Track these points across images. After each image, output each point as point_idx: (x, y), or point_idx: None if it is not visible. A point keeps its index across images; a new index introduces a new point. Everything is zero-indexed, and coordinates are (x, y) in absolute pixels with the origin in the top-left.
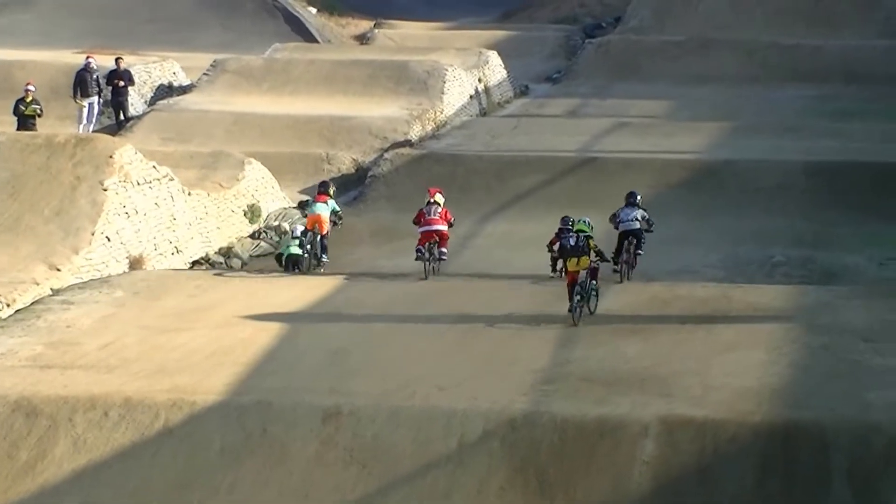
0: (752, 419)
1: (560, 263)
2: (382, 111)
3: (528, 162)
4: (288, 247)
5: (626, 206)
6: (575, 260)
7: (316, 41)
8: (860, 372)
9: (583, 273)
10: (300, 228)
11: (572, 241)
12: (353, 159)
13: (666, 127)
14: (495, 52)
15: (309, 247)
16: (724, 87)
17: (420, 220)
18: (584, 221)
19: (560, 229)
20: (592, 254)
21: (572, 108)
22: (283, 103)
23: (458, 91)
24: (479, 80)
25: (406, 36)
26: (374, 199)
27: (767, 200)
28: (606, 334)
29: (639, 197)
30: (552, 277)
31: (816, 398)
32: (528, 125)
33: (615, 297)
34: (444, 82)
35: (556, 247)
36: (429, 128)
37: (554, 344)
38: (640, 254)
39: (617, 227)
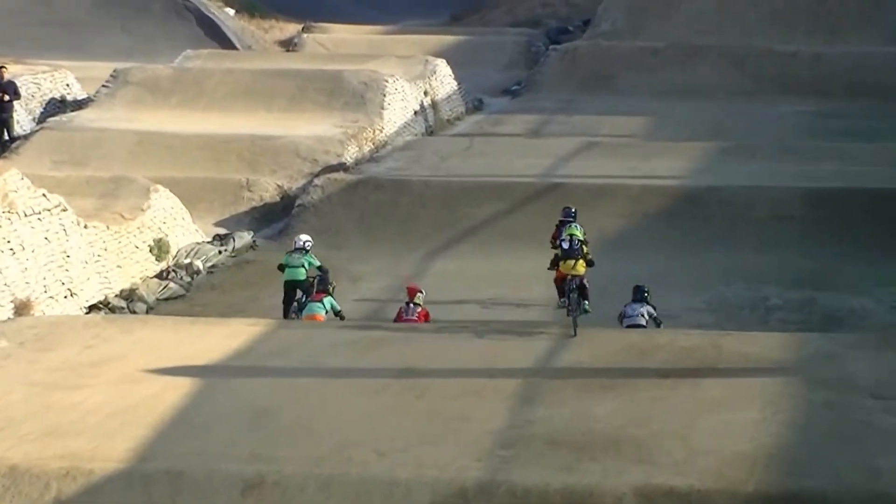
0: (743, 489)
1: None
2: (312, 129)
3: (482, 189)
4: (287, 265)
5: (633, 301)
6: (571, 262)
7: (234, 47)
8: (869, 434)
9: (574, 281)
10: (304, 239)
11: (566, 245)
12: (278, 186)
13: (643, 148)
14: (443, 61)
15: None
16: (711, 102)
17: (399, 319)
18: (576, 227)
19: (560, 221)
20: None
21: (534, 125)
22: (195, 120)
23: (400, 106)
24: (426, 94)
25: (340, 41)
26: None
27: (761, 233)
28: (575, 390)
29: (647, 292)
30: (560, 307)
31: (818, 464)
32: (483, 146)
33: (584, 347)
34: (385, 96)
35: (558, 241)
36: (366, 149)
37: (513, 401)
38: None
39: (622, 325)
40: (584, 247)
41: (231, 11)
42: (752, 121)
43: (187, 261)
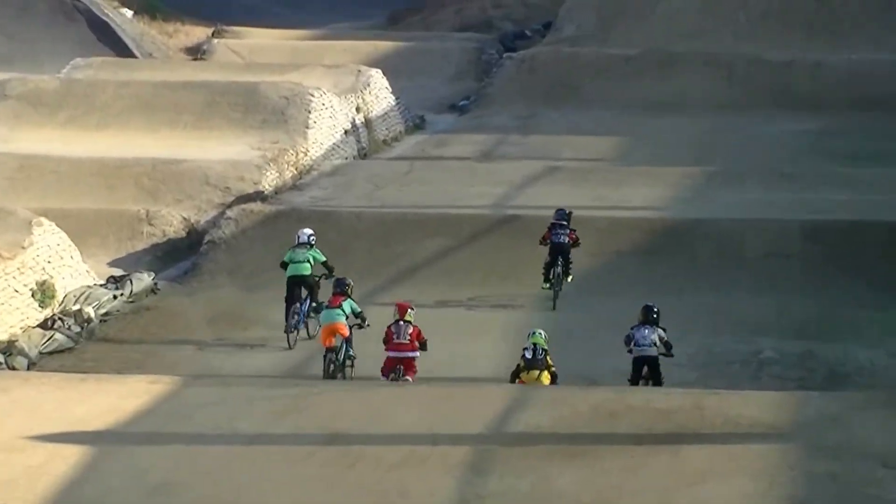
0: None
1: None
2: (224, 152)
3: (424, 222)
4: (291, 260)
5: (642, 324)
6: (535, 374)
7: (132, 55)
8: None
9: None
10: (308, 233)
11: (528, 354)
12: (184, 218)
13: (614, 173)
14: (379, 71)
15: (332, 366)
16: (693, 119)
17: (389, 341)
18: (539, 334)
19: (552, 224)
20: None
21: (485, 147)
22: (86, 141)
23: (328, 124)
24: (358, 110)
25: (256, 48)
26: (213, 272)
27: (753, 274)
28: (534, 459)
29: (657, 313)
30: (544, 288)
31: None
32: (425, 171)
33: (545, 408)
34: (309, 112)
35: (548, 242)
36: (288, 175)
37: (461, 471)
38: (662, 383)
39: (630, 351)
40: (547, 357)
41: (129, 13)
42: (743, 141)
43: (76, 307)
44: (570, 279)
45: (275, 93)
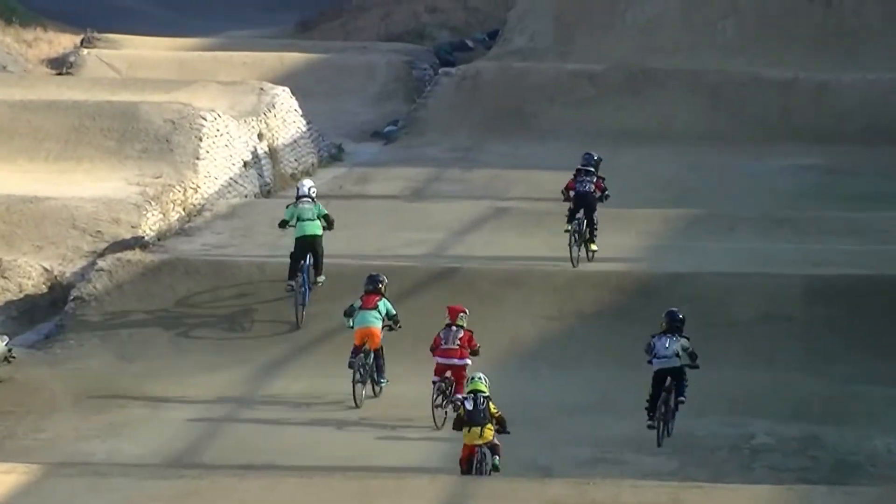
0: None
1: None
2: (96, 188)
3: (341, 275)
4: (298, 218)
5: (665, 332)
6: (477, 430)
7: None
8: None
9: (482, 450)
10: (308, 185)
11: (469, 406)
12: (45, 270)
13: None
14: (286, 90)
15: (360, 372)
16: (673, 151)
17: (436, 347)
18: (480, 379)
19: (577, 170)
20: (494, 423)
21: (417, 183)
22: None
23: (223, 155)
24: (261, 137)
25: (136, 60)
26: (81, 336)
27: (745, 341)
28: None
29: (682, 320)
30: (567, 231)
31: None
32: (345, 212)
33: None
34: (201, 140)
35: (571, 193)
36: (174, 216)
37: None
38: (681, 401)
39: (650, 363)
40: (490, 404)
41: None
42: (732, 178)
43: None
44: (594, 249)
45: (158, 116)
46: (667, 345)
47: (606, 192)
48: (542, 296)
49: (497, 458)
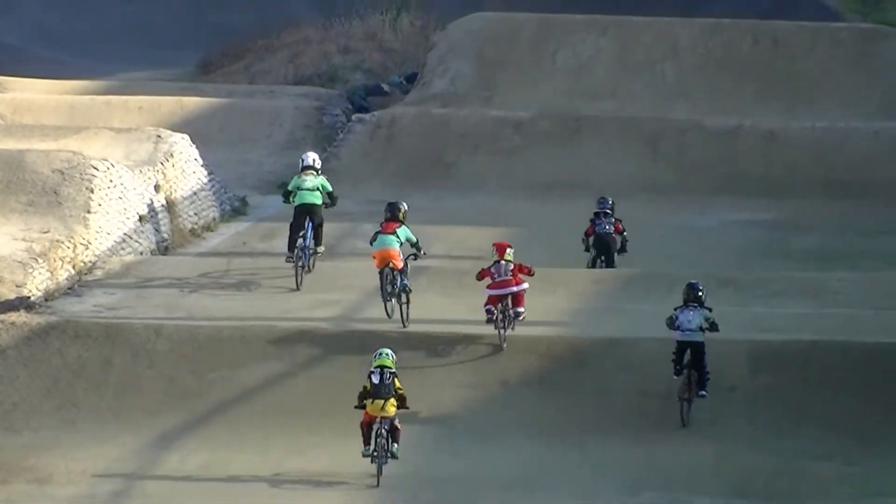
0: None
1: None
2: None
3: (246, 339)
4: (299, 188)
5: (686, 305)
6: (380, 403)
7: None
8: None
9: (384, 424)
10: (312, 156)
11: (376, 379)
12: None
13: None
14: (186, 137)
15: (391, 287)
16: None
17: (490, 280)
18: (387, 355)
19: (595, 213)
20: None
21: (329, 239)
22: None
23: (117, 208)
24: (158, 189)
25: (21, 104)
26: None
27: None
28: None
29: (702, 291)
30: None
31: None
32: (249, 271)
33: None
34: (92, 192)
35: (590, 239)
36: (63, 275)
37: None
38: (707, 376)
39: (673, 334)
40: (395, 380)
41: None
42: (671, 234)
43: None
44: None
45: (46, 165)
46: (690, 317)
47: (625, 236)
48: (464, 363)
49: (396, 445)
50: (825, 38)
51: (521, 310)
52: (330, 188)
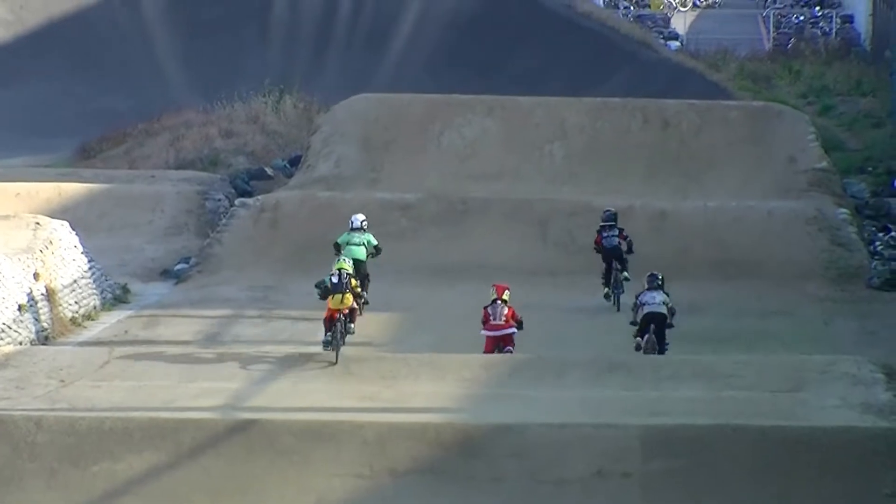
0: None
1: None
2: None
3: (129, 430)
4: (348, 243)
5: (649, 289)
6: (339, 297)
7: None
8: None
9: (342, 315)
10: (360, 218)
11: (335, 279)
12: None
13: (388, 363)
14: (66, 224)
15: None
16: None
17: (486, 321)
18: (345, 260)
19: (601, 226)
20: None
21: (212, 328)
22: None
23: None
24: (37, 277)
25: None
26: None
27: (578, 500)
28: None
29: (661, 279)
30: (605, 295)
31: None
32: (131, 361)
33: None
34: None
35: (600, 248)
36: None
37: None
38: (667, 346)
39: (634, 322)
40: (351, 280)
41: None
42: (561, 318)
43: None
44: (626, 277)
45: None
46: (654, 296)
47: (630, 241)
48: (351, 451)
49: (352, 325)
50: (716, 117)
51: (510, 349)
52: (375, 242)
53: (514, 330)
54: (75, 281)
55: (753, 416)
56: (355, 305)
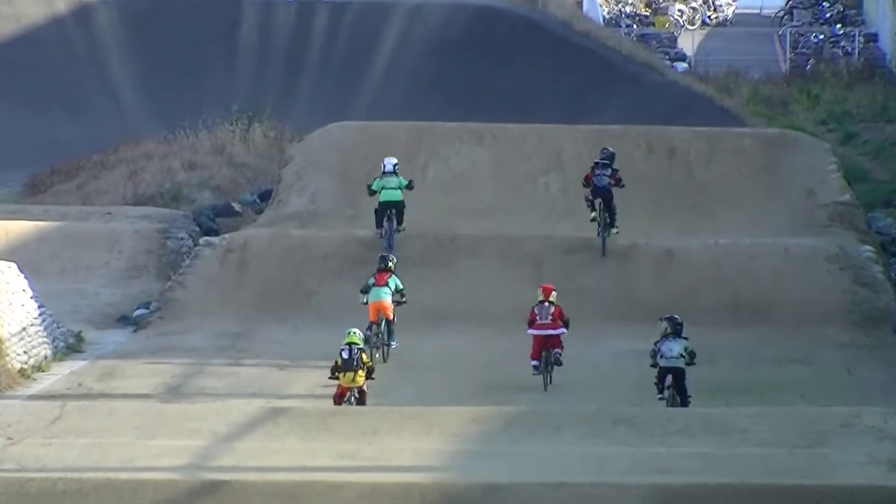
0: None
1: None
2: None
3: (82, 492)
4: (384, 187)
5: (668, 336)
6: (351, 375)
7: None
8: None
9: (352, 392)
10: (392, 161)
11: (346, 355)
12: None
13: (368, 417)
14: (13, 266)
15: (376, 339)
16: (488, 334)
17: (532, 321)
18: (355, 333)
19: (595, 163)
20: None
21: (175, 378)
22: None
23: None
24: None
25: None
26: None
27: None
28: None
29: (680, 323)
30: (592, 219)
31: None
32: (85, 416)
33: None
34: None
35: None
36: None
37: None
38: (688, 399)
39: (654, 366)
40: (363, 355)
41: None
42: (560, 366)
43: None
44: (615, 231)
45: None
46: (671, 346)
47: (622, 183)
48: None
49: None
50: (727, 146)
51: (558, 351)
52: (406, 182)
53: (564, 330)
54: (24, 329)
55: (770, 475)
56: (365, 389)
